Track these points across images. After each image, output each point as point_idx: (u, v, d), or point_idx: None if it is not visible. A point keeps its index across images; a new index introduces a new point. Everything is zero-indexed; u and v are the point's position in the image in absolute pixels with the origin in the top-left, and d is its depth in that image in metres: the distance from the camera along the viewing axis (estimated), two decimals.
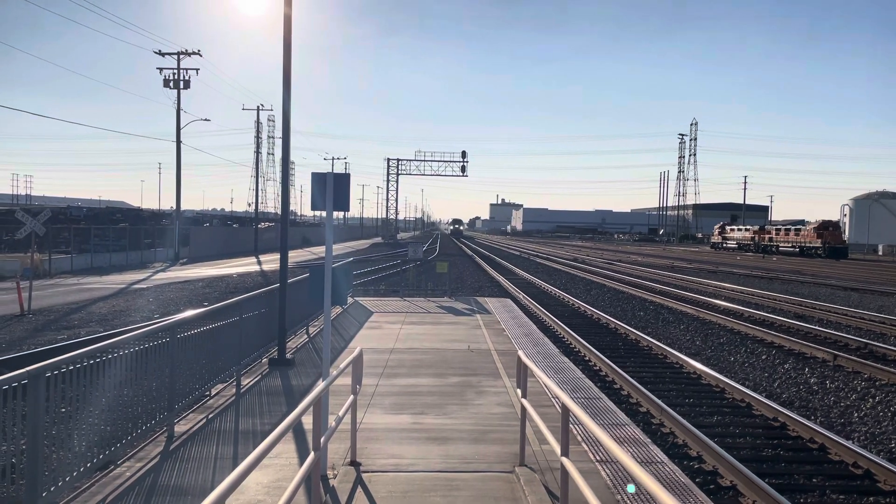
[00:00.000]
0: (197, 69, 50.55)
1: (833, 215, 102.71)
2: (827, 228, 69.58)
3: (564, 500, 4.85)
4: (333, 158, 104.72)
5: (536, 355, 12.32)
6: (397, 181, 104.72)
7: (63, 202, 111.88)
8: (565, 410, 4.84)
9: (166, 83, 49.81)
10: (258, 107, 69.53)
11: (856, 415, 10.80)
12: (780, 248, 75.86)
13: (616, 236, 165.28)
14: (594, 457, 6.98)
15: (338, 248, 66.35)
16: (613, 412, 8.76)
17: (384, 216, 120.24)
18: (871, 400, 11.57)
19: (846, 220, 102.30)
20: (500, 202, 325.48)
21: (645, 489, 2.99)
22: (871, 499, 7.35)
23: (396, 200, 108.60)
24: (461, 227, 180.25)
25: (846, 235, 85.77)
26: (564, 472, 4.70)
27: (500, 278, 35.59)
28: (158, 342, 7.30)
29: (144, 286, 29.19)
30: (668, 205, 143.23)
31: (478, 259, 55.87)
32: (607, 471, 6.59)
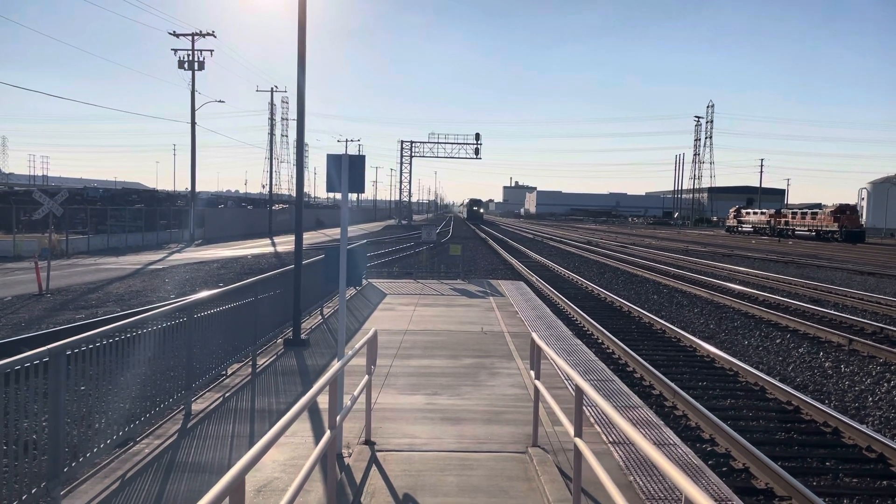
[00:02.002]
0: (211, 50, 50.76)
1: (850, 199, 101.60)
2: (844, 212, 68.85)
3: (577, 480, 4.88)
4: (347, 140, 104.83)
5: (549, 338, 12.35)
6: (411, 164, 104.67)
7: (79, 183, 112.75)
8: (579, 392, 4.86)
9: (181, 64, 49.90)
10: (272, 88, 69.45)
11: (870, 399, 10.77)
12: (796, 232, 75.21)
13: (630, 219, 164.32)
14: (607, 438, 7.01)
15: (351, 230, 66.53)
16: (626, 395, 8.79)
17: (397, 199, 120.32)
18: (885, 384, 11.51)
19: (864, 203, 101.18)
20: (513, 185, 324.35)
21: (659, 469, 3.02)
22: (885, 482, 7.35)
23: (410, 183, 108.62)
24: (481, 210, 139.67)
25: (863, 219, 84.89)
26: (578, 453, 4.74)
27: (514, 261, 35.58)
28: (176, 322, 7.38)
29: (160, 267, 29.44)
30: (683, 188, 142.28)
31: (491, 242, 55.84)
32: (620, 452, 6.62)
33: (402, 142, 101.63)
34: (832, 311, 18.80)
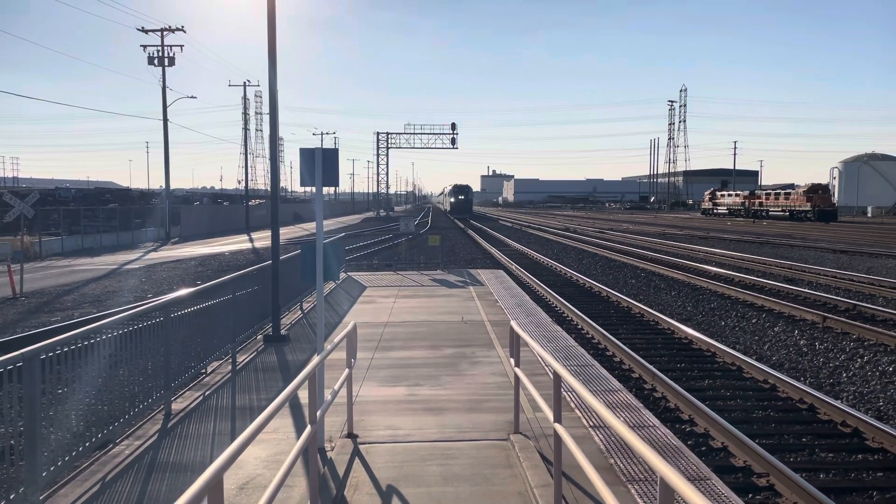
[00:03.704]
0: (181, 46, 49.91)
1: (822, 179, 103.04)
2: (816, 192, 69.76)
3: (558, 465, 4.94)
4: (322, 133, 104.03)
5: (529, 325, 12.42)
6: (387, 155, 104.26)
7: (51, 184, 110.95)
8: (557, 378, 4.91)
9: (150, 60, 49.15)
10: (244, 83, 68.66)
11: (844, 375, 10.97)
12: (771, 213, 76.13)
13: (607, 205, 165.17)
14: (587, 422, 7.09)
15: (329, 224, 66.24)
16: (606, 379, 8.87)
17: (375, 191, 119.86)
18: (859, 360, 11.74)
19: (836, 183, 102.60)
20: (490, 174, 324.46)
21: (635, 452, 3.06)
22: (860, 456, 7.51)
23: (387, 174, 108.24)
24: (470, 199, 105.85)
25: (836, 198, 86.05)
26: (558, 439, 4.79)
27: (493, 250, 35.66)
28: (153, 321, 7.33)
29: (136, 266, 29.12)
30: (659, 172, 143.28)
31: (470, 231, 55.89)
32: (600, 436, 6.70)
33: (378, 133, 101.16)
34: (806, 290, 19.09)
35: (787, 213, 72.50)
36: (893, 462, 7.27)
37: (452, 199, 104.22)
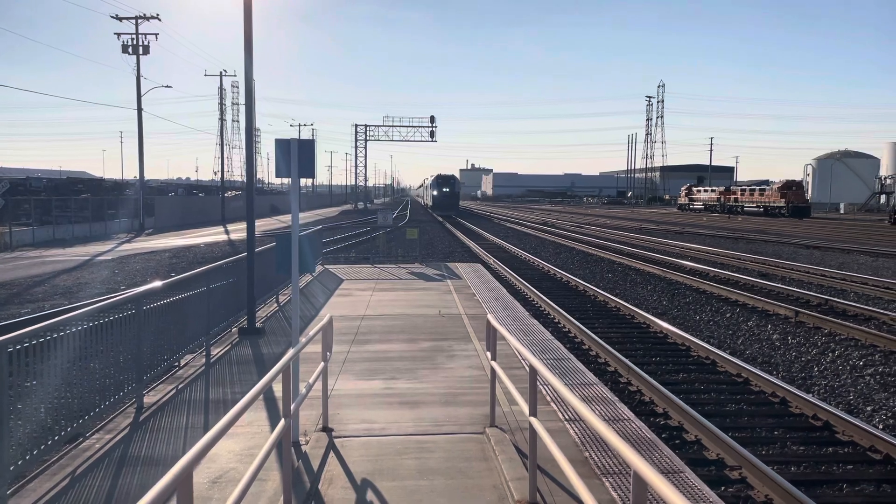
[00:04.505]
0: (156, 34, 49.23)
1: (797, 175, 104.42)
2: (790, 188, 70.72)
3: (533, 458, 4.94)
4: (300, 125, 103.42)
5: (506, 319, 12.44)
6: (365, 147, 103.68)
7: (22, 173, 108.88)
8: (533, 372, 4.90)
9: (125, 49, 48.37)
10: (221, 73, 68.08)
11: (816, 369, 11.13)
12: (746, 209, 77.03)
13: (585, 199, 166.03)
14: (562, 416, 7.11)
15: (306, 216, 65.84)
16: (582, 372, 8.91)
17: (353, 183, 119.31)
18: (830, 354, 11.91)
19: (809, 179, 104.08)
20: (469, 167, 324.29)
21: (610, 446, 3.06)
22: (830, 449, 7.62)
23: (365, 167, 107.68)
24: (455, 192, 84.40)
25: (809, 195, 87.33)
26: (532, 432, 4.79)
27: (471, 243, 35.68)
28: (125, 314, 7.22)
29: (109, 257, 28.71)
30: (636, 167, 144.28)
31: (448, 225, 55.87)
32: (576, 429, 6.72)
33: (357, 125, 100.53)
34: (779, 285, 19.34)
35: (762, 209, 73.42)
36: (863, 455, 7.38)
37: (435, 193, 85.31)
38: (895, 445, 7.20)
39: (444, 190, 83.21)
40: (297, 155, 6.66)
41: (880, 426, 8.40)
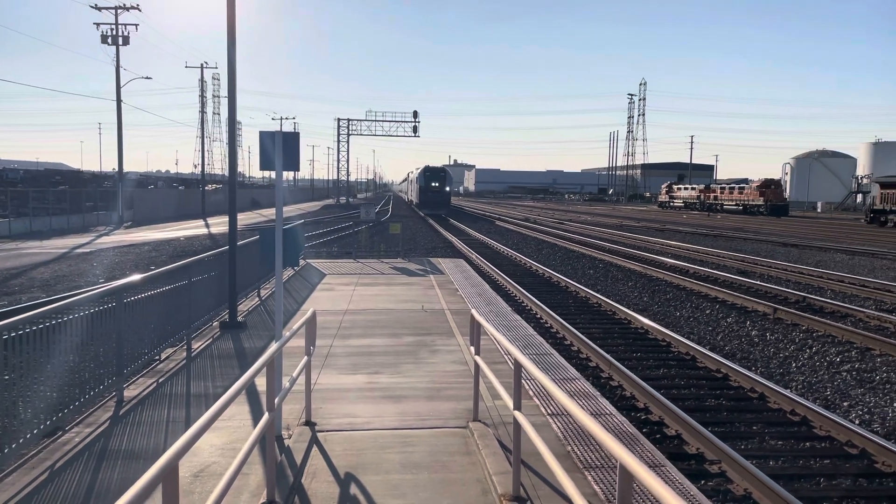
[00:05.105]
0: (136, 25, 48.67)
1: (775, 174, 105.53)
2: (769, 187, 71.50)
3: (517, 452, 4.96)
4: (282, 118, 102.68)
5: (489, 314, 12.46)
6: (348, 142, 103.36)
7: None
8: (517, 366, 4.92)
9: (104, 39, 47.78)
10: (202, 64, 67.20)
11: (794, 365, 11.27)
12: (725, 207, 77.76)
13: (567, 196, 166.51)
14: (545, 410, 7.14)
15: (288, 210, 65.42)
16: (564, 367, 8.95)
17: (335, 177, 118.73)
18: (808, 351, 12.07)
19: (787, 178, 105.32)
20: (452, 163, 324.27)
21: (596, 439, 3.08)
22: (807, 444, 7.72)
23: (347, 162, 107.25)
24: (446, 189, 71.19)
25: (787, 193, 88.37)
26: (517, 426, 4.80)
27: (453, 239, 35.69)
28: (105, 307, 7.14)
29: (87, 250, 28.37)
30: (618, 165, 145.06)
31: (430, 220, 55.82)
32: (558, 423, 6.75)
33: (339, 119, 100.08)
34: (758, 282, 19.56)
35: (741, 207, 74.15)
36: (840, 450, 7.49)
37: (422, 187, 71.01)
38: (871, 440, 7.32)
39: (433, 185, 69.92)
40: (283, 147, 6.62)
41: (856, 421, 8.53)
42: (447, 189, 70.22)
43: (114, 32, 47.72)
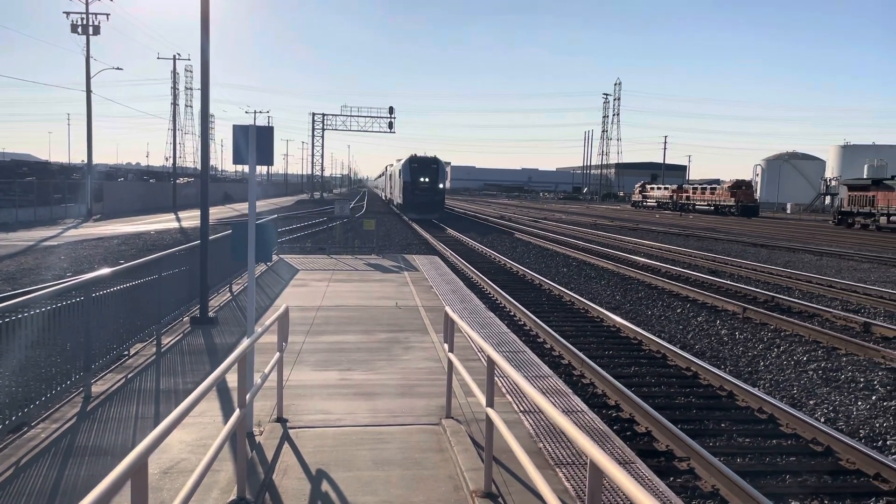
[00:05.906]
0: (107, 14, 48.02)
1: (746, 175, 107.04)
2: (740, 188, 72.51)
3: (489, 449, 4.98)
4: (256, 112, 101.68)
5: (463, 311, 12.48)
6: (323, 137, 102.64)
7: None
8: (490, 363, 4.93)
9: (74, 28, 46.95)
10: (174, 56, 66.21)
11: (762, 364, 11.45)
12: (697, 207, 78.72)
13: (542, 194, 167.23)
14: (518, 407, 7.17)
15: (261, 205, 64.89)
16: (537, 365, 9.00)
17: (310, 173, 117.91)
18: (776, 350, 12.27)
19: (758, 179, 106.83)
20: None
21: (567, 436, 3.10)
22: (774, 441, 7.85)
23: (322, 157, 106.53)
24: (440, 186, 55.49)
25: (758, 194, 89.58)
26: (489, 423, 4.82)
27: (428, 236, 35.67)
28: (72, 301, 7.02)
29: (55, 243, 27.86)
30: (592, 164, 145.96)
31: (405, 217, 55.69)
32: (531, 420, 6.79)
33: (314, 114, 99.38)
34: (728, 282, 19.83)
35: (713, 208, 75.12)
36: (806, 447, 7.63)
37: (408, 182, 55.45)
38: (836, 438, 7.47)
39: (423, 181, 55.21)
40: (256, 141, 6.56)
41: (822, 419, 8.70)
42: (440, 186, 56.21)
43: (84, 21, 46.90)
